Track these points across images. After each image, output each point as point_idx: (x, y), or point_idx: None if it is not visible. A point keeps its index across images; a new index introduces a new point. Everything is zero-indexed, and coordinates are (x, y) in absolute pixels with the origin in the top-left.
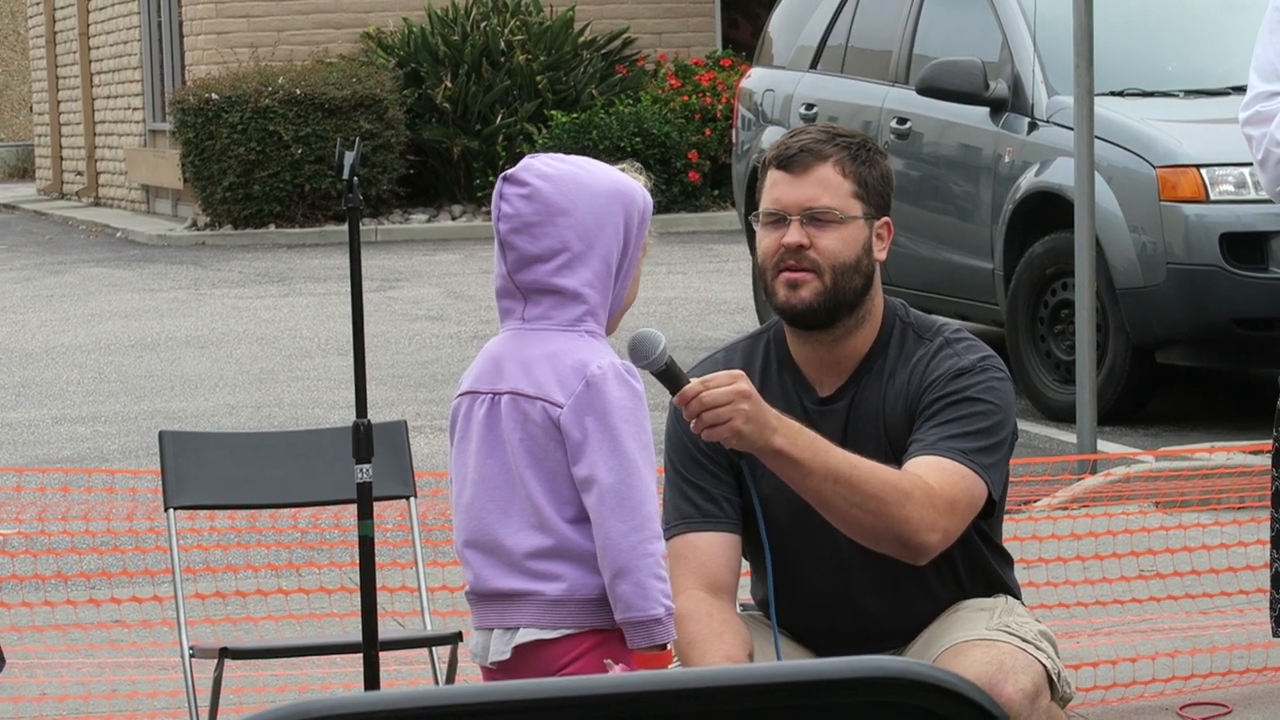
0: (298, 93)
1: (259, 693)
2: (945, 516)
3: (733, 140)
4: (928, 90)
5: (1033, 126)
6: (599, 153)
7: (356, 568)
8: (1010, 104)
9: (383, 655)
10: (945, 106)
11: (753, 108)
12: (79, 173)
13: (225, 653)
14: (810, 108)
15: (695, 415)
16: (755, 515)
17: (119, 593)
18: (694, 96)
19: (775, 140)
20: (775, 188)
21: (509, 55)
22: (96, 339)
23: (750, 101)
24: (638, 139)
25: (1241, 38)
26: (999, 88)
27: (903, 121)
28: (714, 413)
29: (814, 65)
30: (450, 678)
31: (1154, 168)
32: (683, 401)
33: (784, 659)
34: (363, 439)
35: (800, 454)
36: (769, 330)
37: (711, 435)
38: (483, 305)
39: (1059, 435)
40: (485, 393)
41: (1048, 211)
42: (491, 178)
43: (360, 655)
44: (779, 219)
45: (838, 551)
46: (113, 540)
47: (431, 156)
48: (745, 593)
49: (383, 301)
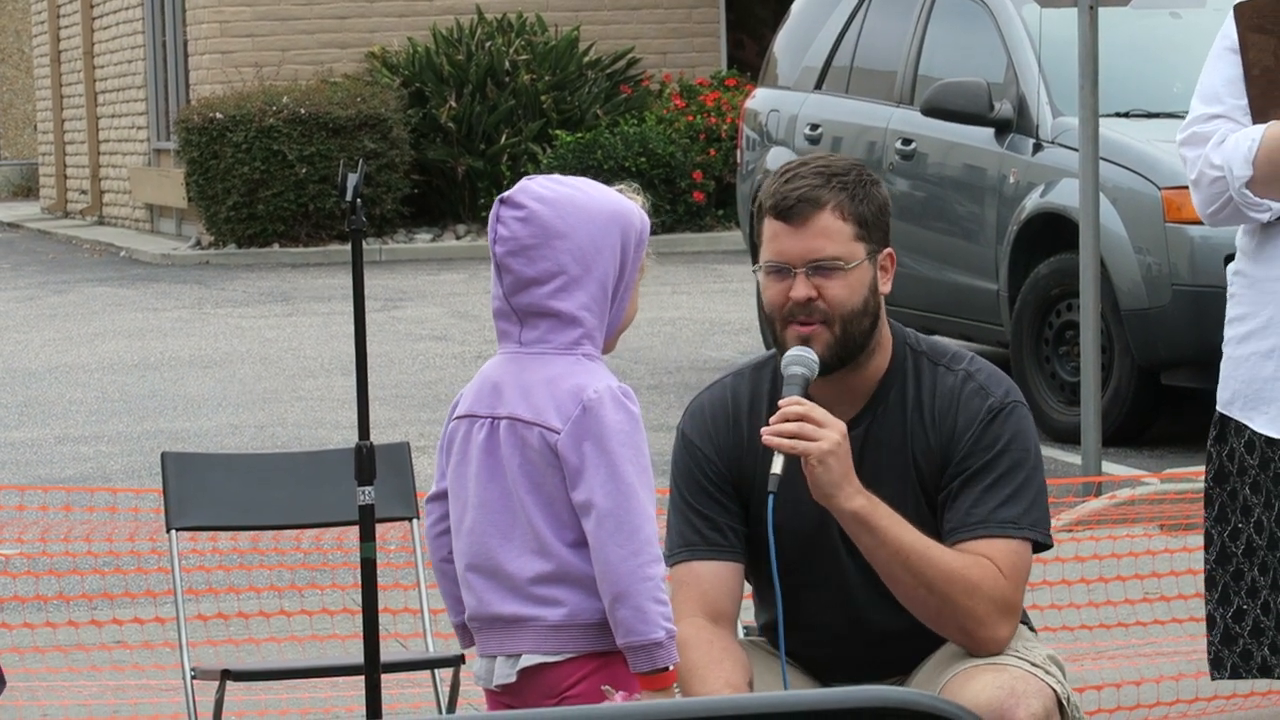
0: (302, 112)
1: (261, 715)
2: (1013, 602)
3: (738, 160)
4: (933, 111)
5: (1038, 148)
6: (603, 173)
7: (359, 589)
8: (1015, 125)
9: (385, 677)
10: (950, 127)
11: (757, 128)
12: (83, 191)
13: (227, 674)
14: (815, 128)
15: (793, 418)
16: (766, 546)
17: (121, 614)
18: (699, 116)
19: (769, 183)
20: (776, 240)
21: (514, 75)
22: (100, 358)
23: (755, 122)
24: (642, 159)
25: None
26: (1004, 109)
27: (908, 142)
28: (811, 428)
29: (819, 86)
30: (452, 700)
31: (1159, 189)
32: (789, 404)
33: (789, 688)
34: (365, 461)
35: (879, 521)
36: (775, 358)
37: (784, 445)
38: (487, 325)
39: (1064, 457)
40: (484, 417)
41: (1053, 232)
42: (496, 198)
43: (362, 677)
44: (783, 270)
45: (846, 582)
46: (115, 561)
47: (436, 176)
48: (749, 614)
49: (387, 321)
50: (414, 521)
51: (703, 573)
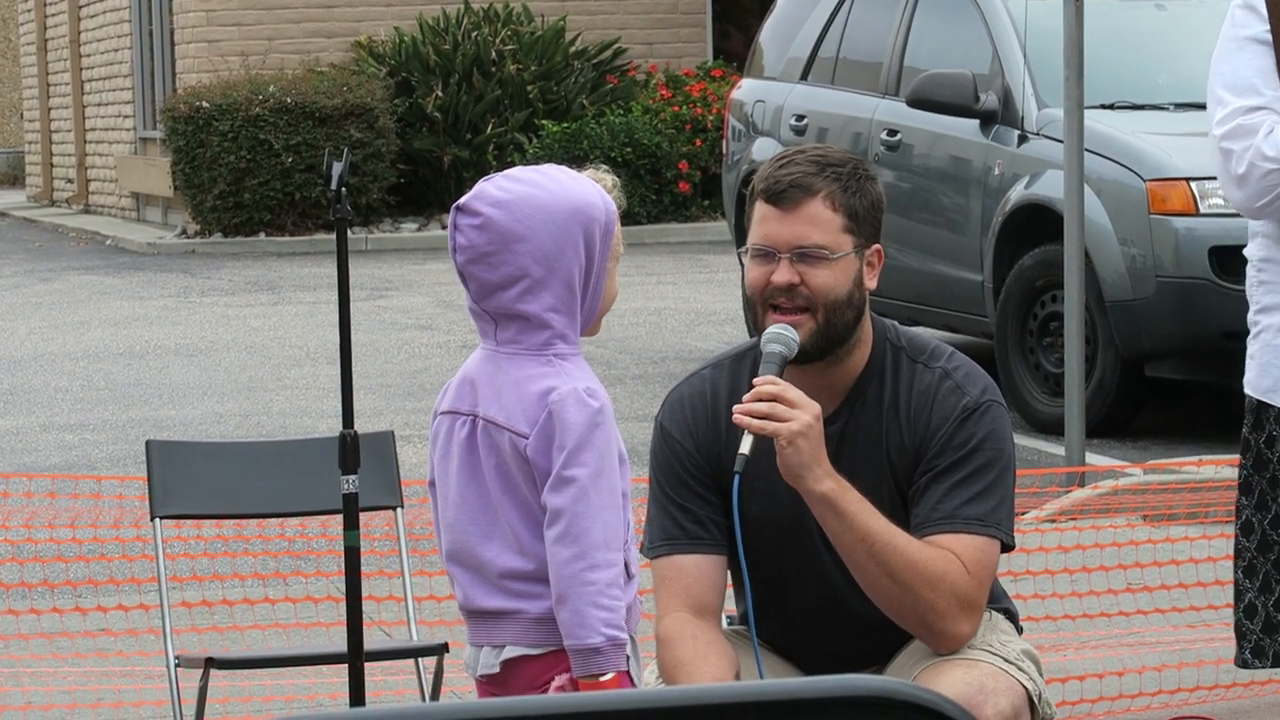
0: (288, 101)
1: (245, 703)
2: (974, 601)
3: (723, 151)
4: (918, 102)
5: (1023, 139)
6: (589, 163)
7: (343, 577)
8: (1000, 116)
9: (369, 666)
10: (935, 119)
11: (743, 119)
12: (69, 180)
13: (211, 662)
14: (801, 119)
15: (766, 398)
16: (751, 533)
17: (105, 601)
18: (685, 107)
19: (764, 167)
20: (764, 223)
21: (500, 65)
22: (85, 346)
23: (741, 112)
24: (628, 149)
25: None
26: (989, 100)
27: (893, 133)
28: (783, 409)
29: (804, 76)
30: (436, 688)
31: (1144, 181)
32: (764, 383)
33: (769, 677)
34: (349, 450)
35: (847, 506)
36: (756, 346)
37: (757, 426)
38: None
39: (1047, 448)
40: (465, 414)
41: (1037, 224)
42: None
43: (346, 666)
44: (768, 254)
45: (824, 572)
46: (99, 549)
47: (422, 166)
48: (730, 604)
49: (372, 310)
50: (398, 510)
51: (685, 566)
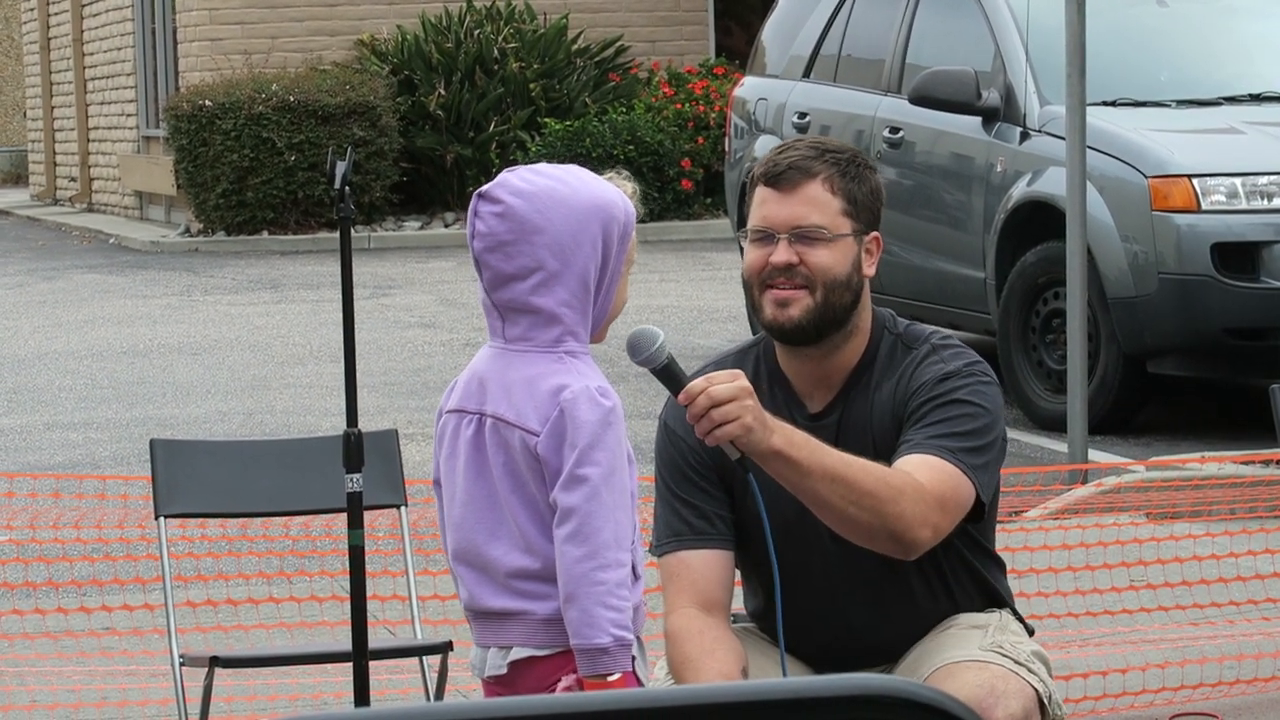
0: (291, 100)
1: (249, 701)
2: (936, 513)
3: (726, 148)
4: (920, 100)
5: (1025, 136)
6: (592, 160)
7: (347, 576)
8: (1002, 113)
9: (373, 664)
10: (938, 116)
11: (746, 116)
12: (72, 179)
13: (216, 661)
14: (803, 116)
15: (702, 412)
16: (760, 528)
17: (110, 600)
18: (687, 104)
19: (764, 155)
20: (764, 205)
21: (502, 63)
22: (89, 345)
23: (743, 110)
24: (631, 147)
25: (1233, 48)
26: (991, 97)
27: (895, 131)
28: (722, 410)
29: (807, 74)
30: (440, 687)
31: (1146, 177)
32: (688, 399)
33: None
34: (353, 448)
35: (798, 453)
36: (758, 344)
37: (720, 435)
38: (475, 313)
39: (1050, 445)
40: (472, 412)
41: (1040, 221)
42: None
43: (350, 664)
44: (767, 236)
45: (828, 566)
46: (104, 547)
47: (425, 164)
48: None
49: (375, 309)
50: (402, 509)
51: (692, 562)
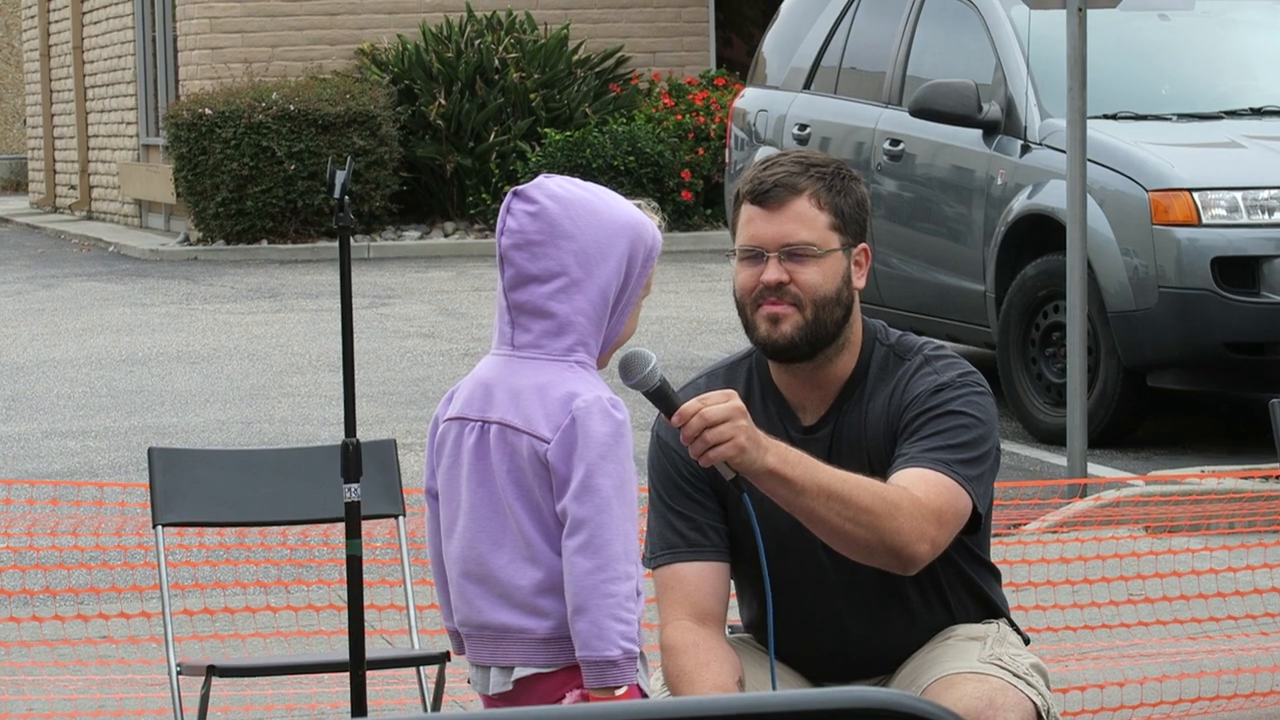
0: (291, 109)
1: (246, 711)
2: (934, 527)
3: (726, 160)
4: (921, 112)
5: (1025, 149)
6: (592, 171)
7: (344, 586)
8: (1003, 126)
9: (370, 674)
10: (938, 128)
11: (746, 127)
12: (72, 187)
13: (212, 670)
14: (803, 128)
15: (696, 434)
16: (754, 543)
17: (107, 609)
18: (687, 116)
19: (748, 171)
20: (751, 224)
21: (503, 73)
22: (88, 353)
23: (743, 121)
24: (631, 158)
25: (1235, 62)
26: (992, 110)
27: (896, 143)
28: (716, 431)
29: (807, 86)
30: (438, 698)
31: (1146, 191)
32: (681, 420)
33: (779, 687)
34: (351, 458)
35: (793, 472)
36: (750, 356)
37: (714, 455)
38: (474, 323)
39: (1049, 458)
40: (475, 420)
41: (1040, 234)
42: (484, 195)
43: (348, 674)
44: (756, 255)
45: (824, 578)
46: (101, 556)
47: (424, 173)
48: (735, 614)
49: (375, 318)
50: (400, 518)
51: (686, 574)
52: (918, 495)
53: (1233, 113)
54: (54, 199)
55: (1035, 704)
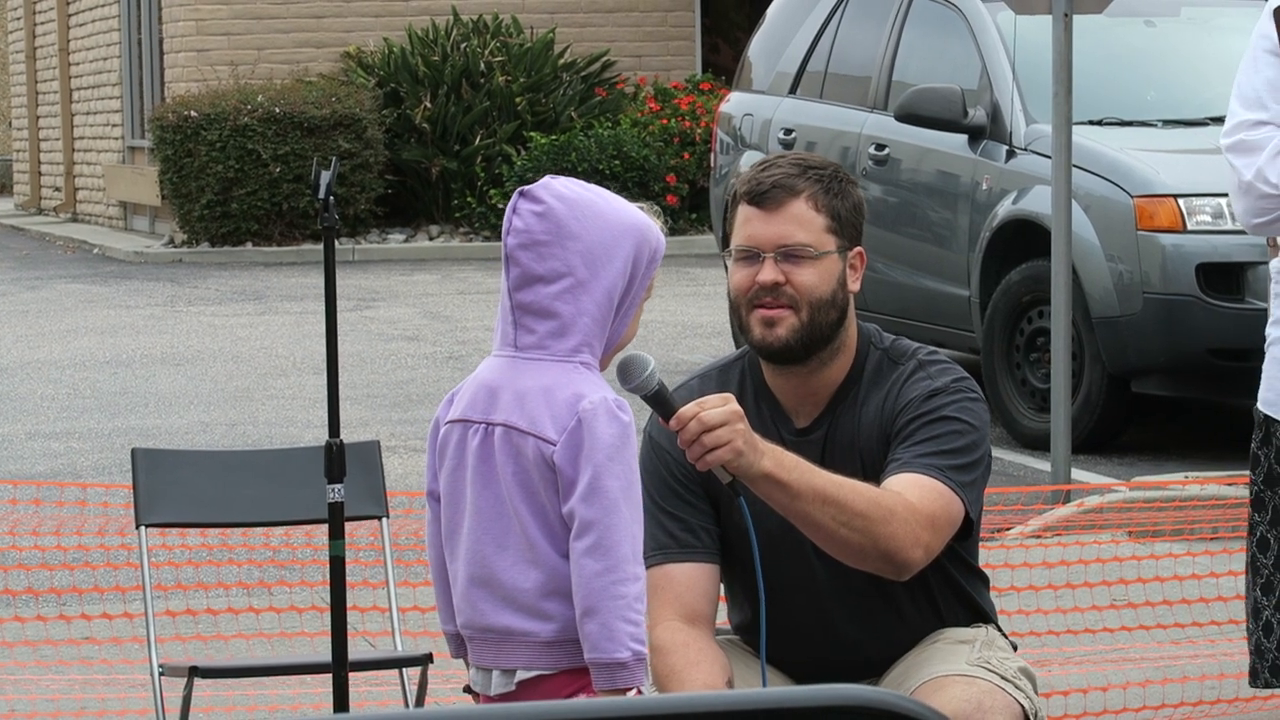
0: (277, 111)
1: (228, 712)
2: (927, 532)
3: (711, 164)
4: (906, 117)
5: (1011, 154)
6: (577, 175)
7: (327, 587)
8: (989, 131)
9: (353, 675)
10: (924, 133)
11: (731, 132)
12: (57, 188)
13: (195, 671)
14: (789, 133)
15: (694, 438)
16: (746, 542)
17: (89, 609)
18: (673, 120)
19: (746, 173)
20: (748, 224)
21: (489, 76)
22: (72, 355)
23: (729, 126)
24: (616, 162)
25: (1220, 68)
26: (978, 115)
27: (881, 148)
28: (714, 434)
29: (793, 90)
30: (420, 699)
31: (1131, 197)
32: (680, 424)
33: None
34: (335, 459)
35: (788, 476)
36: (743, 357)
37: (712, 459)
38: (459, 326)
39: (1033, 463)
40: (479, 422)
41: (1025, 239)
42: (469, 199)
43: (330, 675)
44: (752, 255)
45: (814, 581)
46: (84, 556)
47: (410, 177)
48: (724, 616)
49: (359, 321)
50: (383, 520)
51: (676, 575)
52: (912, 501)
53: (1218, 119)
54: (39, 201)
55: (1023, 707)
